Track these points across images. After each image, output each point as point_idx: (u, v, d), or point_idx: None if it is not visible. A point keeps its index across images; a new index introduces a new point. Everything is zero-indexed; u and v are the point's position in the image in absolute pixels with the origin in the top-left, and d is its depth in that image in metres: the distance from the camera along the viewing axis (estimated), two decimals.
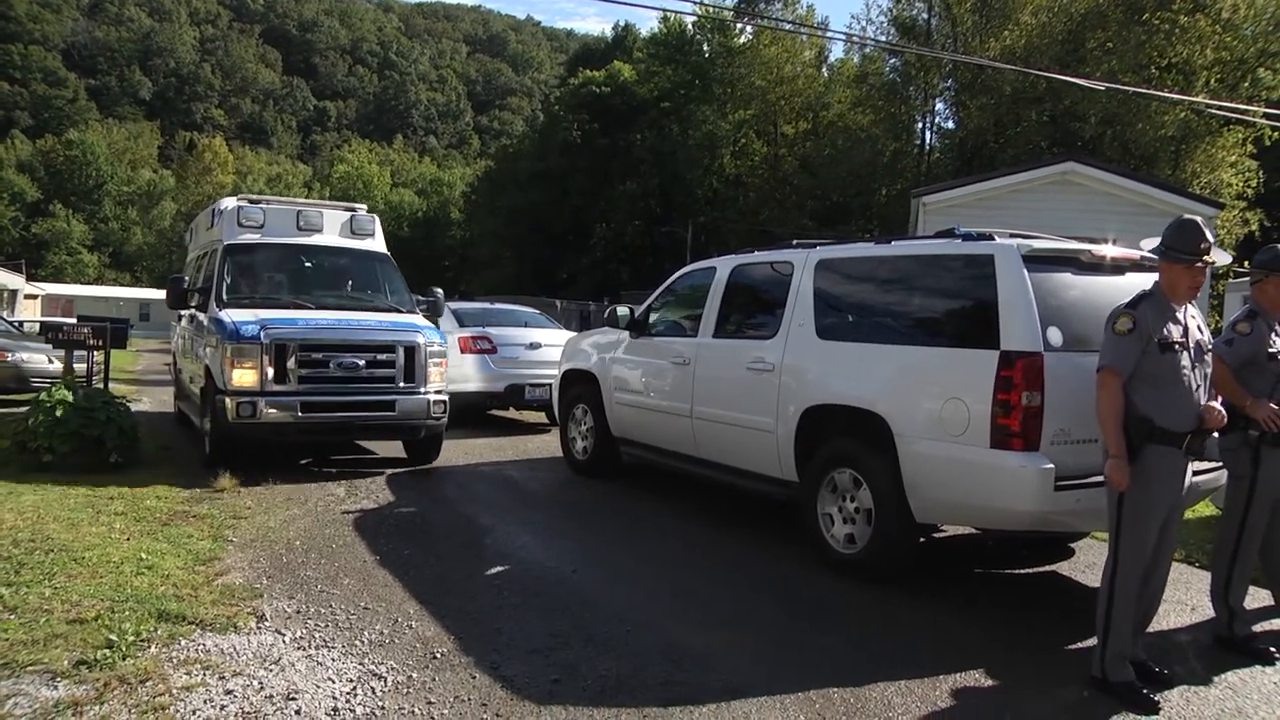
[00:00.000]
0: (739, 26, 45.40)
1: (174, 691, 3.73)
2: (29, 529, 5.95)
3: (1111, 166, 16.90)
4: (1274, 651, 4.72)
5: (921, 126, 40.34)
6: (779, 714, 3.80)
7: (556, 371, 9.81)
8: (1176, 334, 4.13)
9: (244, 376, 8.02)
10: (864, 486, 5.67)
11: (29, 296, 50.20)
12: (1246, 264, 6.54)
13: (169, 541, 5.94)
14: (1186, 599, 5.63)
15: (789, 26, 40.59)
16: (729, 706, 3.83)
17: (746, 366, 6.69)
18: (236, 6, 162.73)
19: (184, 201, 76.36)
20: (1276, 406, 4.63)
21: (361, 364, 8.44)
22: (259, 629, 4.52)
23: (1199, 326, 4.30)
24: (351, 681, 3.95)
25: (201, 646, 4.23)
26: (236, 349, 8.03)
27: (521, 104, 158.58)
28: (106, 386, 9.51)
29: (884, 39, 37.20)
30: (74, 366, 9.71)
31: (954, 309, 5.52)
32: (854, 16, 54.58)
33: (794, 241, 7.16)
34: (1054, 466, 4.75)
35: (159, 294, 53.82)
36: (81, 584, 4.93)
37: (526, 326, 13.42)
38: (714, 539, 6.79)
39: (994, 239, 5.34)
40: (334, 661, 4.16)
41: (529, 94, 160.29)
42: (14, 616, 4.39)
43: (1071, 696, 4.13)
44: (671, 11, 49.35)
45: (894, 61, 38.85)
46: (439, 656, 4.27)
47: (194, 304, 9.52)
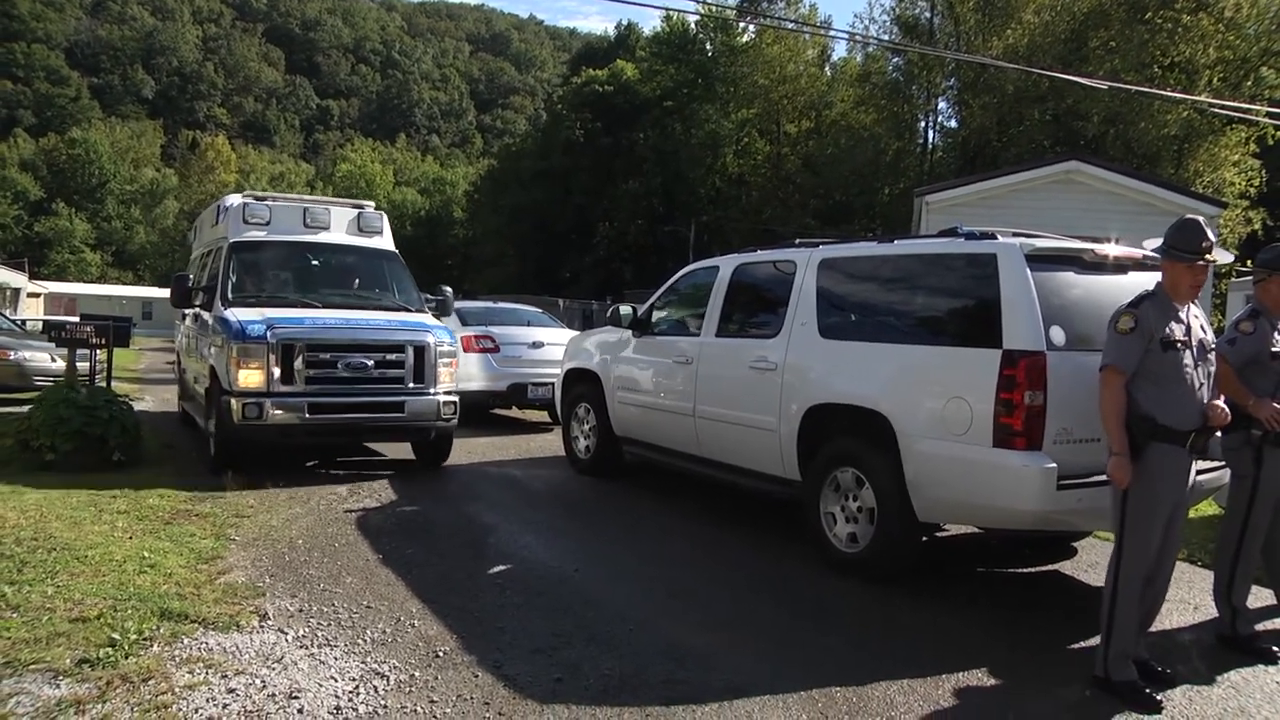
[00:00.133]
0: (742, 25, 45.46)
1: (176, 690, 3.73)
2: (31, 527, 5.96)
3: (1114, 165, 16.88)
4: (1277, 650, 4.71)
5: (924, 125, 40.41)
6: (781, 713, 3.80)
7: (559, 370, 9.82)
8: (1179, 333, 4.14)
9: (250, 377, 7.87)
10: (866, 485, 5.67)
11: (32, 295, 50.19)
12: (1249, 263, 6.53)
13: (171, 540, 5.95)
14: (1189, 598, 5.63)
15: (791, 25, 40.61)
16: (731, 706, 3.83)
17: (749, 365, 6.68)
18: (239, 5, 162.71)
19: (187, 200, 76.41)
20: (1279, 406, 4.63)
21: (370, 364, 8.29)
22: (261, 627, 4.52)
23: (1201, 325, 4.31)
24: (354, 680, 3.95)
25: (204, 645, 4.23)
26: (242, 349, 7.89)
27: (524, 103, 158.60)
28: (109, 385, 9.53)
29: (886, 38, 37.21)
30: (77, 365, 9.72)
31: (957, 308, 5.52)
32: (856, 15, 54.96)
33: (796, 240, 7.16)
34: (1056, 465, 4.75)
35: (161, 293, 53.83)
36: (84, 582, 4.93)
37: (529, 325, 13.43)
38: (716, 538, 6.79)
39: (997, 238, 5.33)
40: (336, 660, 4.16)
41: (532, 93, 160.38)
42: (16, 615, 4.40)
43: (1074, 696, 4.13)
44: (674, 10, 49.55)
45: (897, 60, 38.86)
46: (441, 655, 4.27)
47: (199, 303, 9.33)
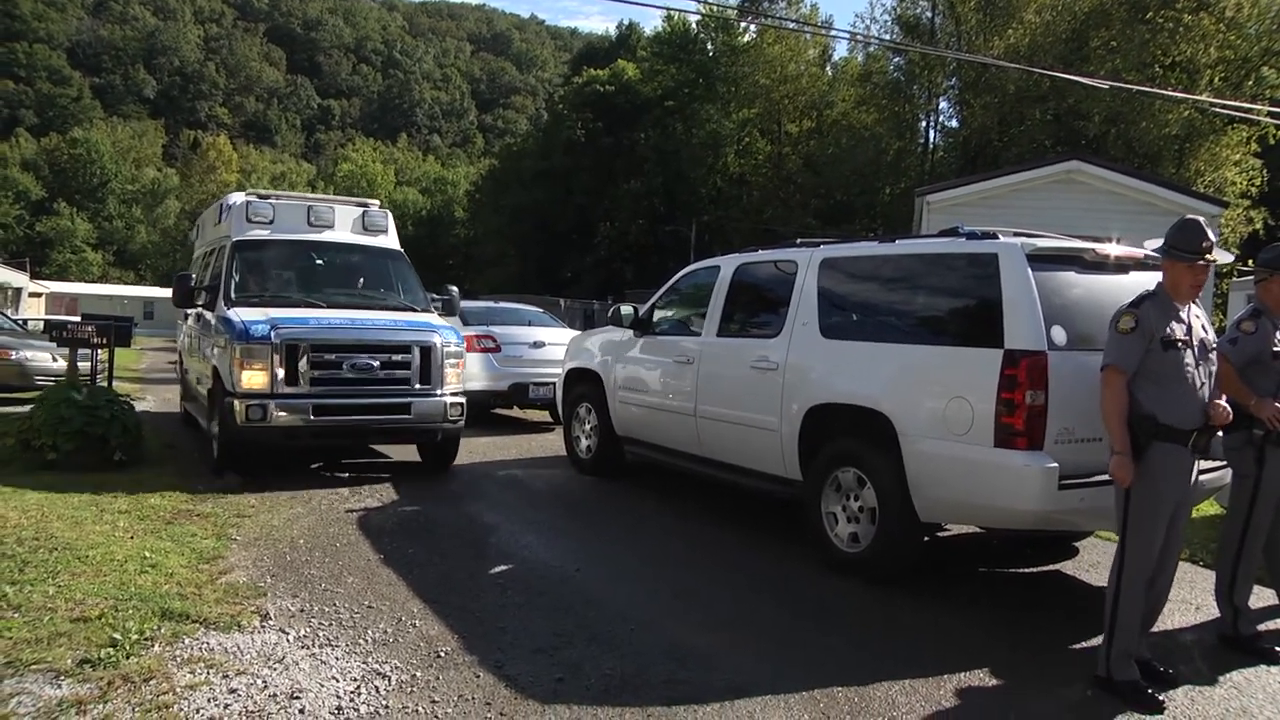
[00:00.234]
0: (743, 25, 45.47)
1: (178, 690, 3.73)
2: (33, 527, 5.96)
3: (1115, 165, 16.87)
4: (1279, 651, 4.71)
5: (925, 125, 40.42)
6: (783, 713, 3.80)
7: (560, 370, 9.82)
8: (1179, 332, 4.15)
9: (254, 378, 7.74)
10: (868, 485, 5.67)
11: (33, 295, 50.23)
12: (1250, 262, 6.52)
13: (173, 540, 5.95)
14: (1191, 598, 5.63)
15: (793, 25, 40.61)
16: (733, 706, 3.83)
17: (750, 365, 6.68)
18: (241, 5, 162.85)
19: (188, 200, 76.56)
20: None
21: (376, 365, 8.16)
22: (263, 627, 4.52)
23: (1203, 325, 4.32)
24: (355, 680, 3.95)
25: (205, 645, 4.23)
26: (246, 349, 7.76)
27: (525, 103, 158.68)
28: (110, 385, 9.52)
29: (888, 38, 37.21)
30: (78, 365, 9.72)
31: (958, 308, 5.52)
32: (858, 15, 55.03)
33: (798, 240, 7.16)
34: (1058, 465, 4.75)
35: (163, 292, 53.92)
36: (85, 582, 4.93)
37: (530, 325, 13.43)
38: (717, 538, 6.79)
39: (998, 238, 5.32)
40: (338, 660, 4.16)
41: (533, 93, 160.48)
42: (18, 615, 4.40)
43: (1076, 696, 4.13)
44: (675, 10, 49.52)
45: (898, 60, 38.89)
46: (443, 655, 4.27)
47: (201, 302, 9.17)
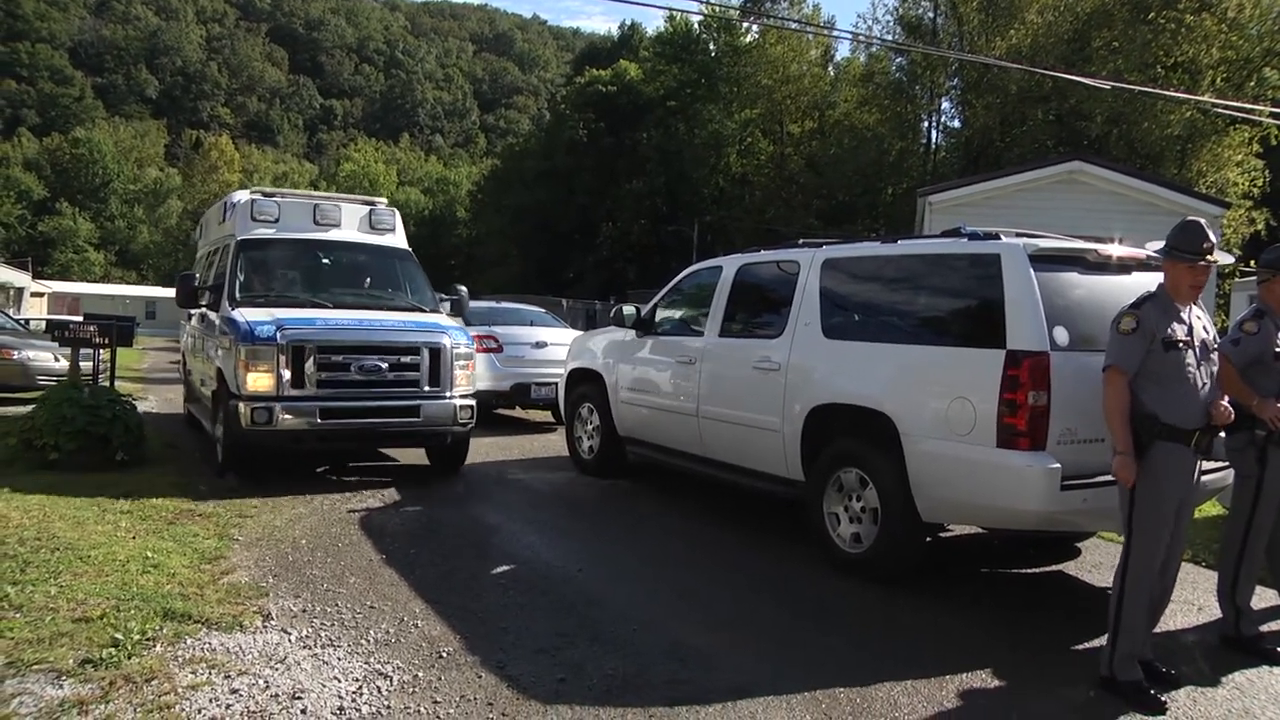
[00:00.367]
0: (745, 25, 45.40)
1: (179, 690, 3.73)
2: (35, 527, 5.97)
3: (1117, 165, 16.85)
4: None
5: (927, 125, 40.33)
6: (785, 713, 3.80)
7: (562, 370, 9.82)
8: (1181, 333, 4.17)
9: (259, 380, 7.59)
10: (870, 486, 5.67)
11: (35, 294, 50.34)
12: (1253, 263, 6.51)
13: (175, 540, 5.95)
14: (1193, 599, 5.62)
15: (795, 25, 40.56)
16: (735, 706, 3.83)
17: (753, 366, 6.68)
18: (243, 5, 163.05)
19: (190, 200, 76.52)
20: None
21: (384, 367, 8.02)
22: (265, 628, 4.53)
23: (1204, 326, 4.34)
24: (357, 680, 3.95)
25: (207, 645, 4.23)
26: (251, 351, 7.61)
27: (528, 103, 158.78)
28: (112, 385, 9.52)
29: (890, 38, 37.16)
30: (80, 365, 9.72)
31: (960, 308, 5.52)
32: (860, 15, 54.98)
33: (800, 240, 7.15)
34: (1060, 466, 4.75)
35: (165, 292, 53.94)
36: (87, 582, 4.93)
37: (532, 325, 13.44)
38: (718, 538, 6.79)
39: (1000, 238, 5.32)
40: (340, 660, 4.16)
41: (535, 93, 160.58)
42: (20, 615, 4.40)
43: (1078, 697, 4.12)
44: (678, 11, 49.51)
45: (900, 60, 38.82)
46: (445, 655, 4.27)
47: (205, 302, 9.04)
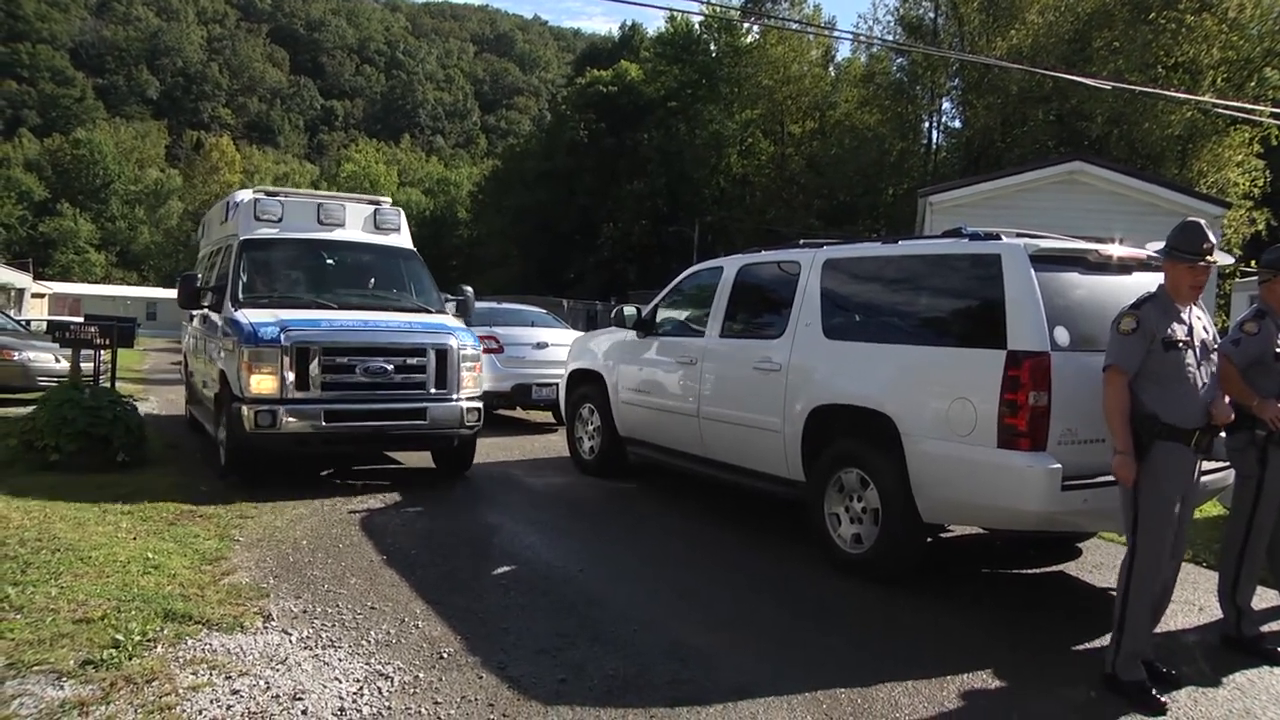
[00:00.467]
0: (746, 26, 45.42)
1: (180, 691, 3.73)
2: (35, 528, 5.97)
3: (1118, 166, 16.86)
4: None
5: (928, 126, 40.38)
6: (786, 714, 3.80)
7: (563, 371, 9.82)
8: (1181, 333, 4.19)
9: (263, 383, 7.46)
10: (871, 486, 5.67)
11: (36, 295, 50.32)
12: (1254, 263, 6.50)
13: (175, 541, 5.95)
14: (1194, 599, 5.62)
15: (796, 26, 40.57)
16: (736, 707, 3.83)
17: (753, 366, 6.68)
18: (244, 6, 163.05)
19: (191, 201, 76.54)
20: None
21: (390, 369, 7.87)
22: (265, 629, 4.53)
23: (1204, 326, 4.36)
24: (358, 681, 3.95)
25: (208, 646, 4.23)
26: (254, 353, 7.48)
27: (528, 103, 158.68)
28: (113, 386, 9.52)
29: (890, 38, 37.18)
30: (81, 366, 9.72)
31: (961, 309, 5.51)
32: (861, 16, 54.96)
33: (801, 241, 7.15)
34: (1061, 466, 4.75)
35: (166, 293, 53.99)
36: (88, 583, 4.93)
37: (533, 326, 13.43)
38: (718, 538, 6.79)
39: (1001, 238, 5.32)
40: (340, 661, 4.16)
41: (536, 93, 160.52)
42: (20, 616, 4.40)
43: (1079, 697, 4.12)
44: (678, 11, 49.53)
45: (901, 61, 38.85)
46: (446, 656, 4.27)
47: (207, 303, 8.90)
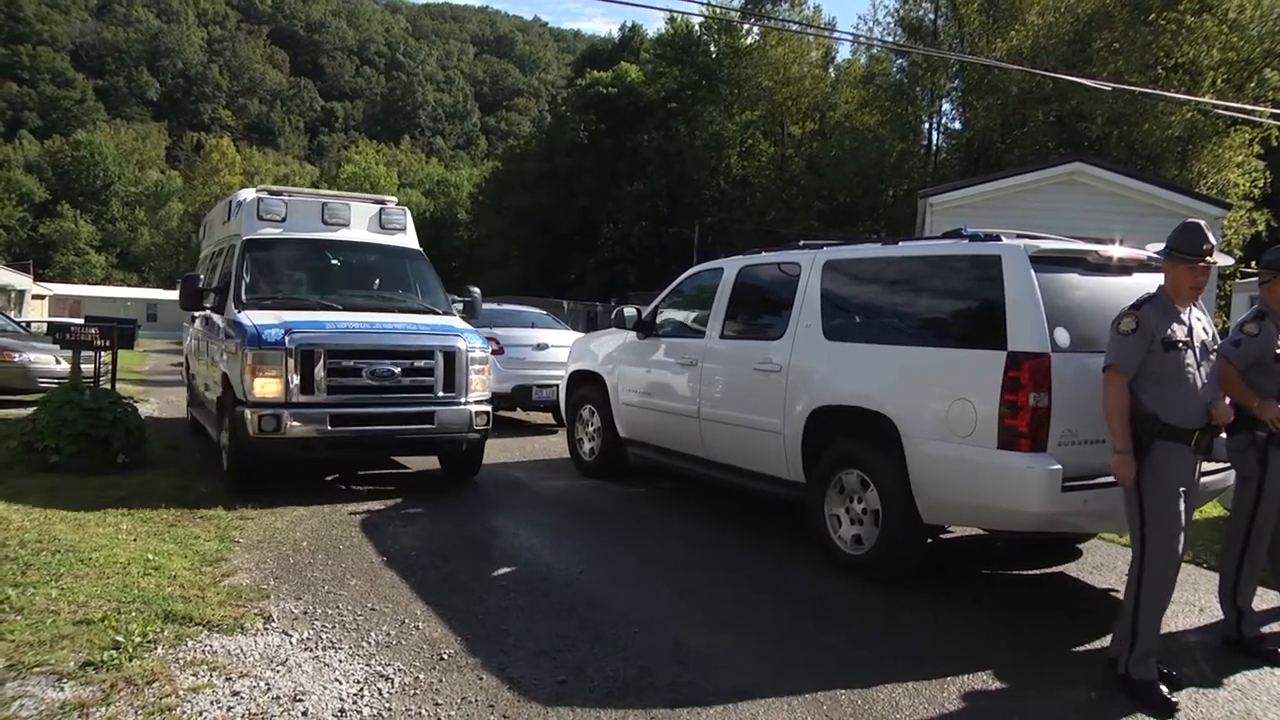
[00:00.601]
0: (746, 27, 45.42)
1: (180, 693, 3.73)
2: (36, 529, 5.97)
3: (1118, 167, 16.87)
4: None
5: (928, 127, 40.37)
6: (786, 715, 3.80)
7: (563, 372, 9.82)
8: (1180, 333, 4.20)
9: (267, 386, 7.30)
10: (871, 487, 5.67)
11: (36, 297, 50.31)
12: (1254, 264, 6.51)
13: (176, 542, 5.95)
14: (1195, 600, 5.62)
15: (795, 27, 40.60)
16: (736, 708, 3.83)
17: (754, 367, 6.68)
18: (244, 7, 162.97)
19: (191, 202, 76.60)
20: None
21: (397, 372, 7.70)
22: (266, 630, 4.53)
23: (1204, 327, 4.38)
24: (358, 683, 3.95)
25: (208, 647, 4.23)
26: (258, 355, 7.30)
27: (529, 105, 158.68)
28: (114, 387, 9.51)
29: (890, 39, 37.20)
30: (81, 367, 9.72)
31: (961, 310, 5.52)
32: (861, 17, 54.94)
33: (801, 242, 7.14)
34: (1061, 467, 4.75)
35: (166, 294, 53.97)
36: (88, 585, 4.93)
37: (533, 327, 13.43)
38: (719, 539, 6.79)
39: (1001, 239, 5.32)
40: (341, 663, 4.16)
41: (536, 95, 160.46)
42: (20, 617, 4.40)
43: (1079, 698, 4.12)
44: (678, 12, 49.55)
45: (901, 62, 38.87)
46: (446, 658, 4.27)
47: (209, 304, 8.71)
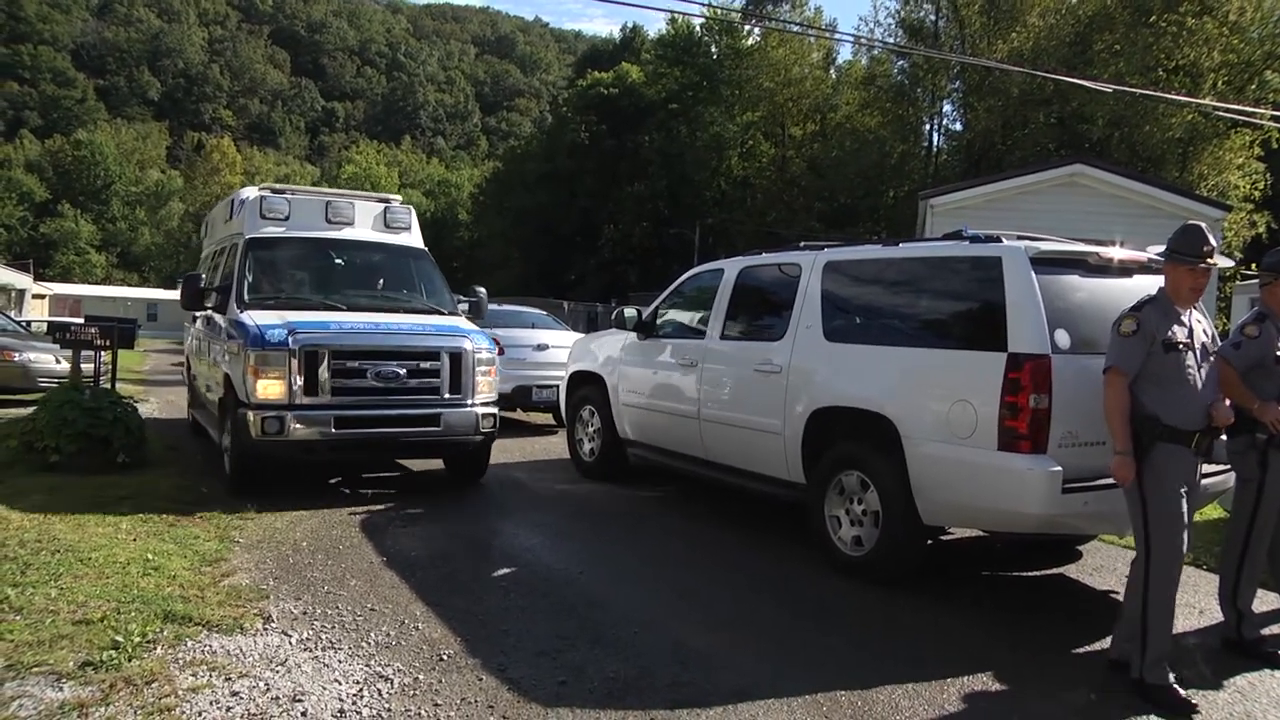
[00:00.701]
0: (747, 28, 45.43)
1: (180, 693, 3.73)
2: (35, 529, 5.97)
3: (1119, 169, 16.88)
4: None
5: (929, 128, 40.39)
6: (786, 715, 3.79)
7: (564, 373, 9.82)
8: (1181, 335, 4.22)
9: (270, 388, 7.17)
10: (871, 489, 5.67)
11: (37, 296, 50.34)
12: (1254, 266, 6.51)
13: (175, 542, 5.95)
14: (1195, 602, 5.61)
15: (796, 28, 40.59)
16: (736, 709, 3.82)
17: (754, 368, 6.68)
18: (245, 7, 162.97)
19: (192, 202, 76.52)
20: None
21: (402, 373, 7.58)
22: (265, 630, 4.52)
23: (1204, 329, 4.39)
24: (358, 683, 3.95)
25: (208, 648, 4.23)
26: (261, 356, 7.17)
27: (529, 105, 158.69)
28: (114, 387, 9.51)
29: (891, 41, 37.21)
30: (81, 367, 9.71)
31: (962, 311, 5.51)
32: (861, 18, 54.93)
33: (801, 243, 7.14)
34: (1061, 469, 4.75)
35: (166, 294, 53.99)
36: (88, 585, 4.93)
37: (534, 328, 13.43)
38: (719, 540, 6.79)
39: (1002, 241, 5.32)
40: (340, 663, 4.16)
41: (537, 95, 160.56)
42: (20, 617, 4.40)
43: (1079, 700, 4.12)
44: (679, 13, 49.55)
45: (902, 63, 38.87)
46: (446, 658, 4.27)
47: (211, 304, 8.51)
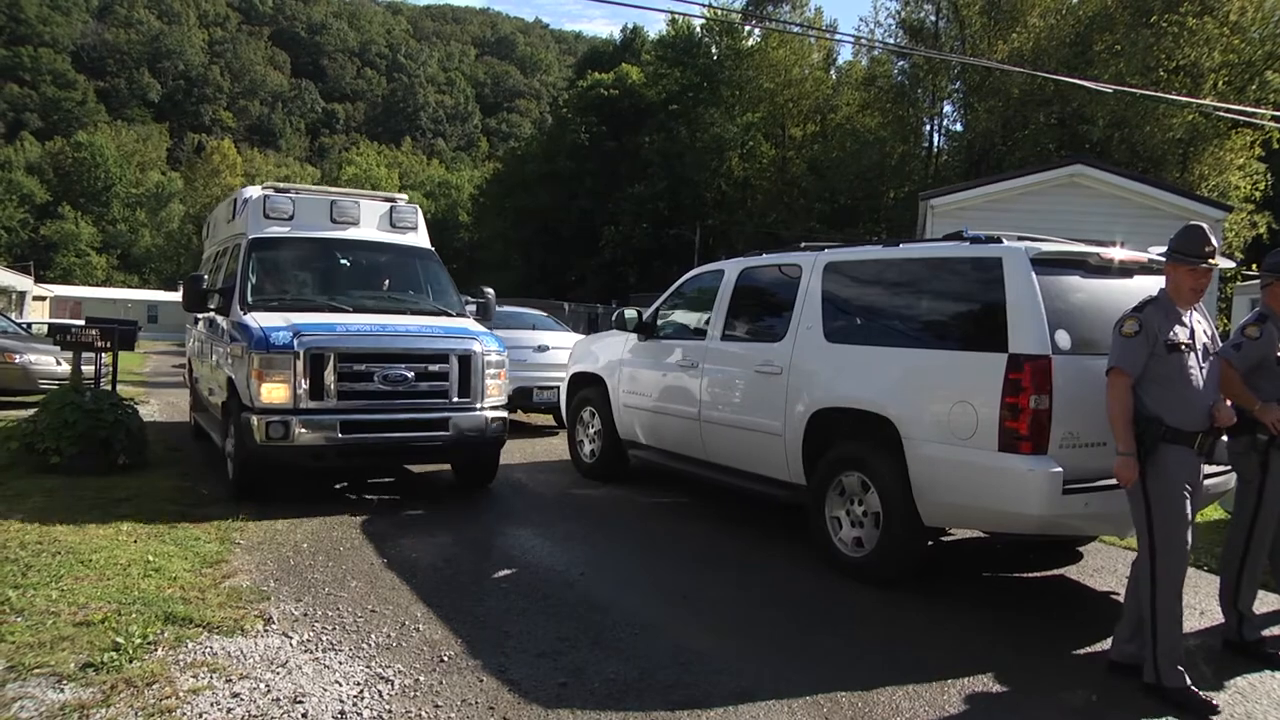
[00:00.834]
0: (747, 29, 45.41)
1: (180, 694, 3.73)
2: (36, 531, 5.98)
3: (1119, 169, 16.90)
4: None
5: (929, 129, 40.31)
6: (787, 717, 3.80)
7: (564, 374, 9.82)
8: (1182, 336, 4.22)
9: (274, 391, 7.04)
10: (872, 490, 5.67)
11: (37, 298, 50.32)
12: (1255, 267, 6.52)
13: (176, 544, 5.95)
14: (1195, 603, 5.60)
15: (797, 29, 40.57)
16: (736, 710, 3.83)
17: (755, 369, 6.68)
18: (245, 9, 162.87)
19: (192, 203, 76.49)
20: None
21: (410, 376, 7.45)
22: (266, 631, 4.53)
23: (1205, 329, 4.40)
24: (358, 685, 3.95)
25: (208, 649, 4.23)
26: (265, 359, 7.05)
27: (530, 106, 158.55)
28: (114, 389, 9.50)
29: (892, 41, 37.21)
30: (82, 369, 9.71)
31: (962, 312, 5.52)
32: (862, 19, 54.92)
33: (802, 244, 7.13)
34: (1062, 470, 4.75)
35: (167, 296, 53.97)
36: (88, 586, 4.94)
37: (534, 329, 13.39)
38: (719, 541, 6.79)
39: (1002, 242, 5.32)
40: (341, 664, 4.16)
41: (537, 96, 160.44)
42: (21, 619, 4.40)
43: (1080, 701, 4.12)
44: (679, 14, 49.53)
45: (902, 64, 38.82)
46: (446, 659, 4.27)
47: (214, 306, 8.35)
